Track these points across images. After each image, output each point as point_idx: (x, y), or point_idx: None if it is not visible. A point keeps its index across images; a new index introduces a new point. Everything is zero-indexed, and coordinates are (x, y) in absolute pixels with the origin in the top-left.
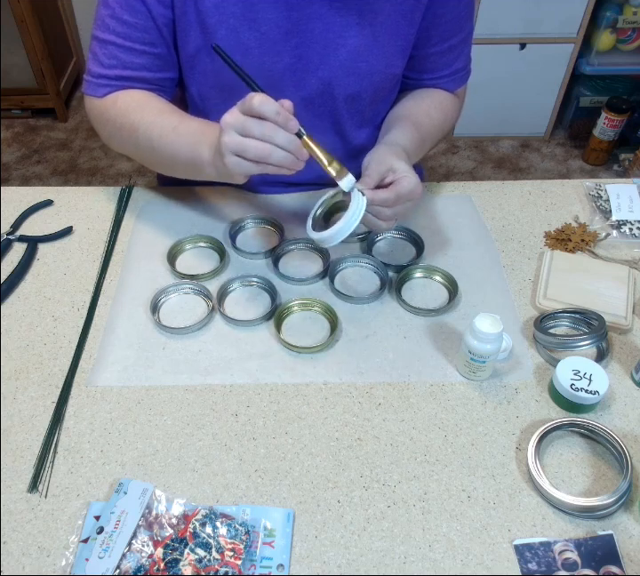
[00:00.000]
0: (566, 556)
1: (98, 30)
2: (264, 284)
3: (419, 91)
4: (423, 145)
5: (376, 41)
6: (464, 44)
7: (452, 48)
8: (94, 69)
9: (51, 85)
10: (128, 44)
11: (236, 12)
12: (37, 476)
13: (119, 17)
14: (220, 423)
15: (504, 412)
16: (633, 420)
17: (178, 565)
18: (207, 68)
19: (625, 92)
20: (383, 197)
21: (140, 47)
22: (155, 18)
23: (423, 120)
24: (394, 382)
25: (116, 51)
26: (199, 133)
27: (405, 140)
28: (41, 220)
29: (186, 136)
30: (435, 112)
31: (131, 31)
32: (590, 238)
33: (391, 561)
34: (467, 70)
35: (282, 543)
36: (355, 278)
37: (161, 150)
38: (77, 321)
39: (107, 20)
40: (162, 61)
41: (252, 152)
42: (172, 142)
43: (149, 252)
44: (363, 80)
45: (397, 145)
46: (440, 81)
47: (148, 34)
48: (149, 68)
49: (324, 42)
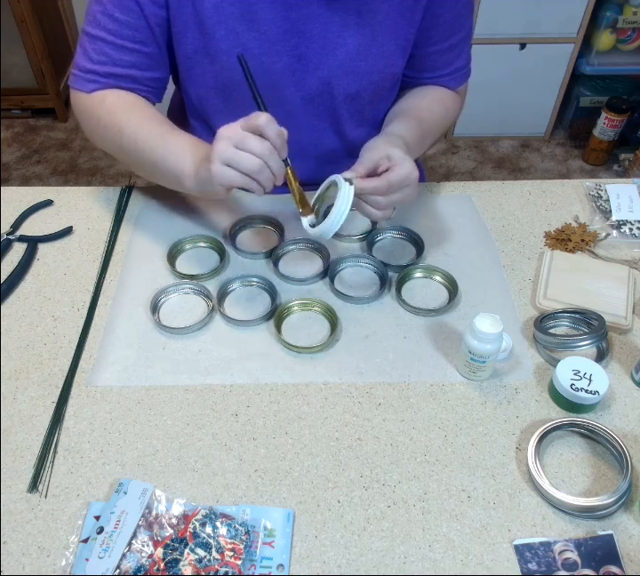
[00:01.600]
0: (566, 556)
1: (89, 26)
2: (264, 284)
3: (420, 88)
4: (424, 138)
5: (375, 40)
6: (464, 43)
7: (452, 47)
8: (83, 64)
9: (51, 85)
10: (118, 41)
11: (235, 12)
12: (37, 475)
13: (110, 14)
14: (220, 423)
15: (504, 412)
16: (633, 420)
17: (178, 565)
18: (206, 70)
19: (625, 92)
20: (373, 185)
21: (130, 45)
22: (147, 17)
23: (424, 114)
24: (394, 382)
25: (106, 47)
26: (188, 145)
27: (405, 131)
28: (41, 220)
29: (173, 146)
30: (436, 107)
31: (121, 29)
32: (590, 238)
33: (391, 561)
34: (467, 69)
35: (282, 543)
36: (355, 278)
37: (144, 154)
38: (77, 321)
39: (98, 16)
40: (152, 60)
41: (246, 165)
42: (156, 148)
43: (149, 252)
44: (362, 79)
45: (396, 135)
46: (441, 79)
47: (138, 32)
48: (138, 67)
49: (322, 42)
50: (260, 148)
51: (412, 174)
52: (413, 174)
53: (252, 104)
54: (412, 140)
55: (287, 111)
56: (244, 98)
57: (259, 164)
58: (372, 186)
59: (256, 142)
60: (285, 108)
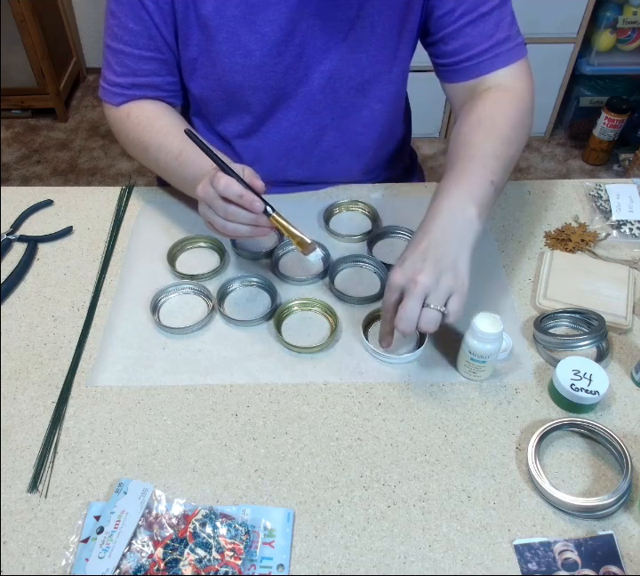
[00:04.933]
0: (566, 556)
1: (108, 38)
2: (264, 284)
3: (462, 119)
4: (493, 184)
5: (375, 31)
6: (501, 11)
7: (484, 15)
8: (109, 77)
9: (51, 85)
10: (136, 51)
11: (237, 14)
12: (37, 475)
13: (125, 25)
14: (220, 423)
15: (504, 412)
16: (633, 420)
17: (178, 565)
18: (209, 72)
19: (625, 92)
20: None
21: (147, 54)
22: (157, 25)
23: (479, 160)
24: (394, 382)
25: (126, 59)
26: (198, 169)
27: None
28: (41, 220)
29: (187, 168)
30: (489, 143)
31: (137, 39)
32: (590, 238)
33: (391, 561)
34: (516, 43)
35: (282, 543)
36: (355, 278)
37: (168, 174)
38: (77, 321)
39: (115, 30)
40: (169, 66)
41: (218, 226)
42: (174, 170)
43: (149, 251)
44: (364, 72)
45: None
46: (483, 60)
47: (152, 40)
48: (158, 73)
49: (324, 37)
50: (223, 213)
51: (389, 286)
52: (392, 281)
53: (254, 105)
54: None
55: (288, 109)
56: (246, 99)
57: (227, 226)
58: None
59: (220, 207)
60: (287, 107)
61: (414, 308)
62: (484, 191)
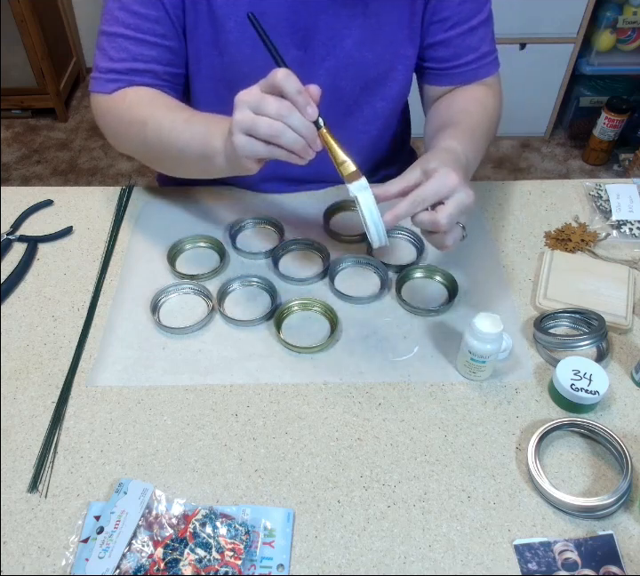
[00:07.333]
0: (566, 556)
1: (105, 24)
2: (264, 284)
3: (447, 95)
4: (474, 142)
5: (381, 30)
6: (486, 26)
7: (473, 29)
8: (102, 65)
9: (51, 85)
10: (139, 35)
11: (245, 4)
12: (37, 475)
13: (129, 8)
14: (220, 423)
15: (504, 412)
16: (633, 420)
17: (178, 565)
18: (214, 62)
19: (625, 92)
20: (402, 204)
21: (152, 39)
22: (167, 9)
23: (461, 118)
24: (394, 382)
25: (126, 43)
26: (213, 122)
27: (451, 142)
28: (41, 219)
29: (198, 126)
30: (472, 107)
31: (141, 22)
32: (590, 238)
33: (391, 561)
34: (495, 56)
35: (282, 543)
36: (355, 278)
37: (171, 143)
38: (77, 321)
39: (116, 13)
40: (173, 55)
41: (263, 129)
42: (182, 132)
43: (149, 251)
44: (369, 69)
45: (441, 148)
46: (468, 69)
47: (159, 25)
48: (160, 61)
49: (330, 33)
50: (275, 109)
51: (447, 181)
52: (449, 180)
53: None
54: (461, 146)
55: None
56: None
57: (277, 126)
58: (402, 205)
59: (272, 103)
60: None
61: (459, 213)
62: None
